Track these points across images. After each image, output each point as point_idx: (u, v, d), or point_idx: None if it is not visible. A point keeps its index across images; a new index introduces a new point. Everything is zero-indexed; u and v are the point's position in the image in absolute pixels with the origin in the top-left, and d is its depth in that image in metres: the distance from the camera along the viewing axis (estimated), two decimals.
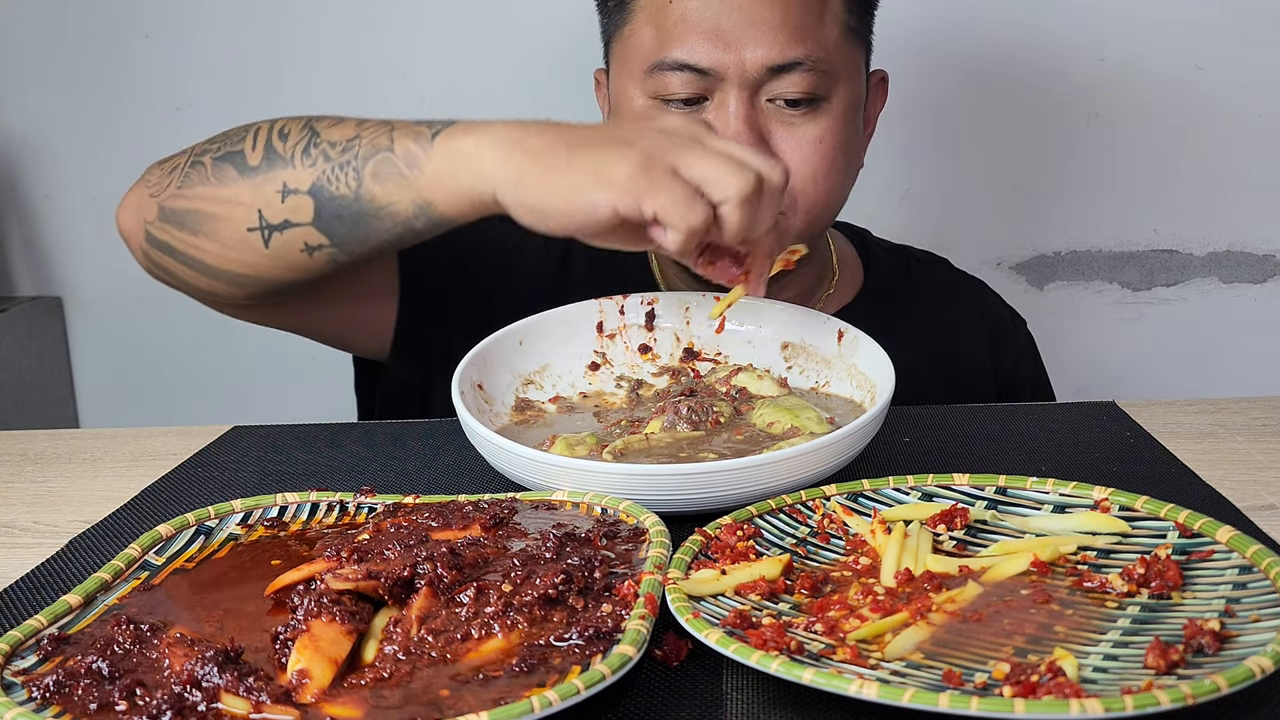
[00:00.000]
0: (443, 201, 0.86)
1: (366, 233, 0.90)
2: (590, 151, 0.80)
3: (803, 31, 1.00)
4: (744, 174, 0.78)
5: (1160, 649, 0.53)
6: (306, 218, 0.90)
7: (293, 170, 0.90)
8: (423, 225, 0.89)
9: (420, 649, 0.57)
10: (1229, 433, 0.91)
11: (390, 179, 0.87)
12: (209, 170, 0.94)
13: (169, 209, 0.95)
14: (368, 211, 0.89)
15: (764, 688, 0.57)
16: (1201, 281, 1.78)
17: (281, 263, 0.93)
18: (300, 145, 0.91)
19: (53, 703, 0.54)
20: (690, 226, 0.77)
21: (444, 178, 0.85)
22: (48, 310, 1.87)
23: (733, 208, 0.78)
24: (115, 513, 0.83)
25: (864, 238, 1.27)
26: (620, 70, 1.06)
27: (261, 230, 0.92)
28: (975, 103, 1.74)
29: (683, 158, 0.79)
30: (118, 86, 1.79)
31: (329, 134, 0.91)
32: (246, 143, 0.94)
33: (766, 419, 0.87)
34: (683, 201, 0.77)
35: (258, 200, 0.91)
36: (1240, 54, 1.69)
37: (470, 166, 0.84)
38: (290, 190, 0.90)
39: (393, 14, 1.74)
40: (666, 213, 0.77)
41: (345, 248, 0.91)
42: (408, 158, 0.87)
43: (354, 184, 0.88)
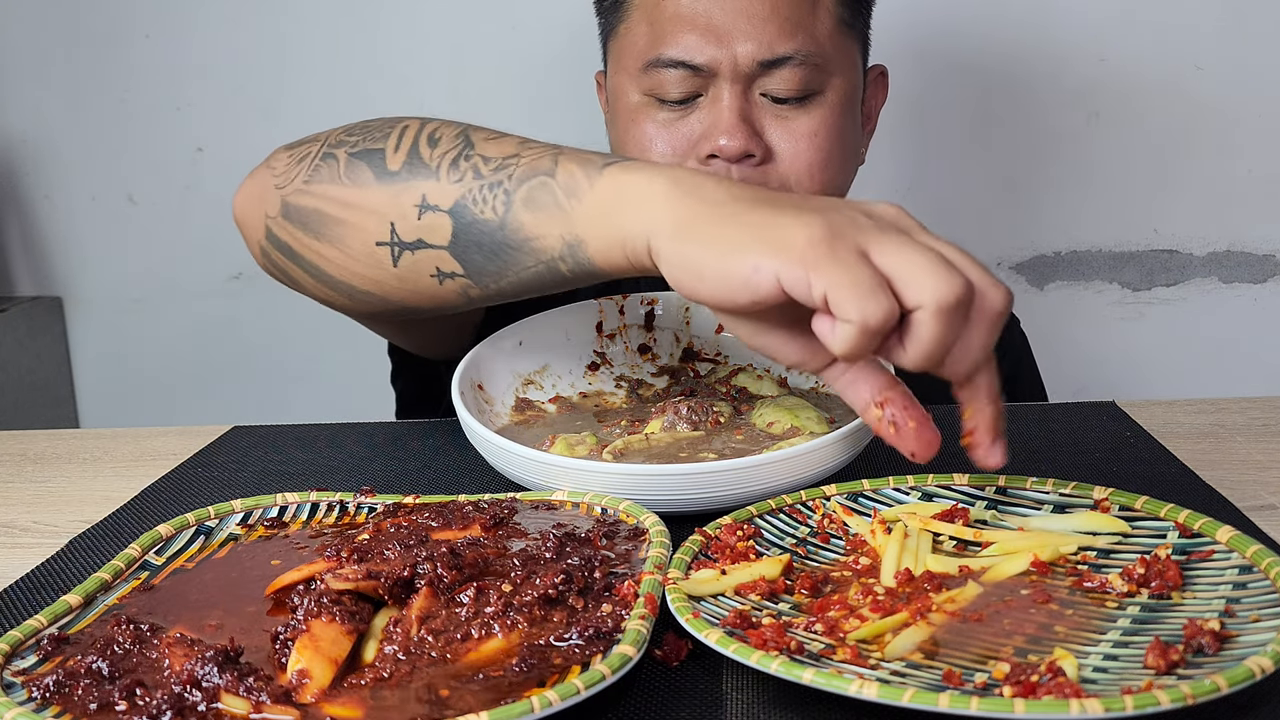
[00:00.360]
0: (595, 241, 0.73)
1: (503, 266, 0.77)
2: (772, 211, 0.66)
3: (794, 24, 1.00)
4: (953, 278, 0.61)
5: (1160, 649, 0.53)
6: (443, 240, 0.78)
7: (436, 183, 0.78)
8: (568, 269, 0.76)
9: (420, 649, 0.57)
10: (1229, 433, 0.91)
11: (544, 207, 0.75)
12: (341, 167, 0.82)
13: (293, 205, 0.84)
14: (511, 243, 0.76)
15: (764, 688, 0.57)
16: (1201, 281, 1.78)
17: (409, 285, 0.82)
18: (450, 155, 0.79)
19: (53, 703, 0.54)
20: (866, 320, 0.61)
21: (603, 212, 0.73)
22: (47, 310, 1.87)
23: (929, 314, 0.61)
24: (115, 513, 0.83)
25: None
26: (616, 68, 1.07)
27: (392, 246, 0.80)
28: (975, 102, 1.74)
29: (878, 241, 0.63)
30: (118, 86, 1.79)
31: (485, 148, 0.79)
32: (390, 141, 0.81)
33: (766, 419, 0.87)
34: (865, 286, 0.61)
35: (392, 211, 0.79)
36: (1240, 54, 1.69)
37: (634, 204, 0.71)
38: (430, 206, 0.78)
39: (393, 14, 1.74)
40: (840, 296, 0.61)
41: (480, 281, 0.79)
42: (569, 185, 0.74)
43: (502, 209, 0.76)
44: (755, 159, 1.02)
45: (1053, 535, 0.67)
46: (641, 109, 1.04)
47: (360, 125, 0.85)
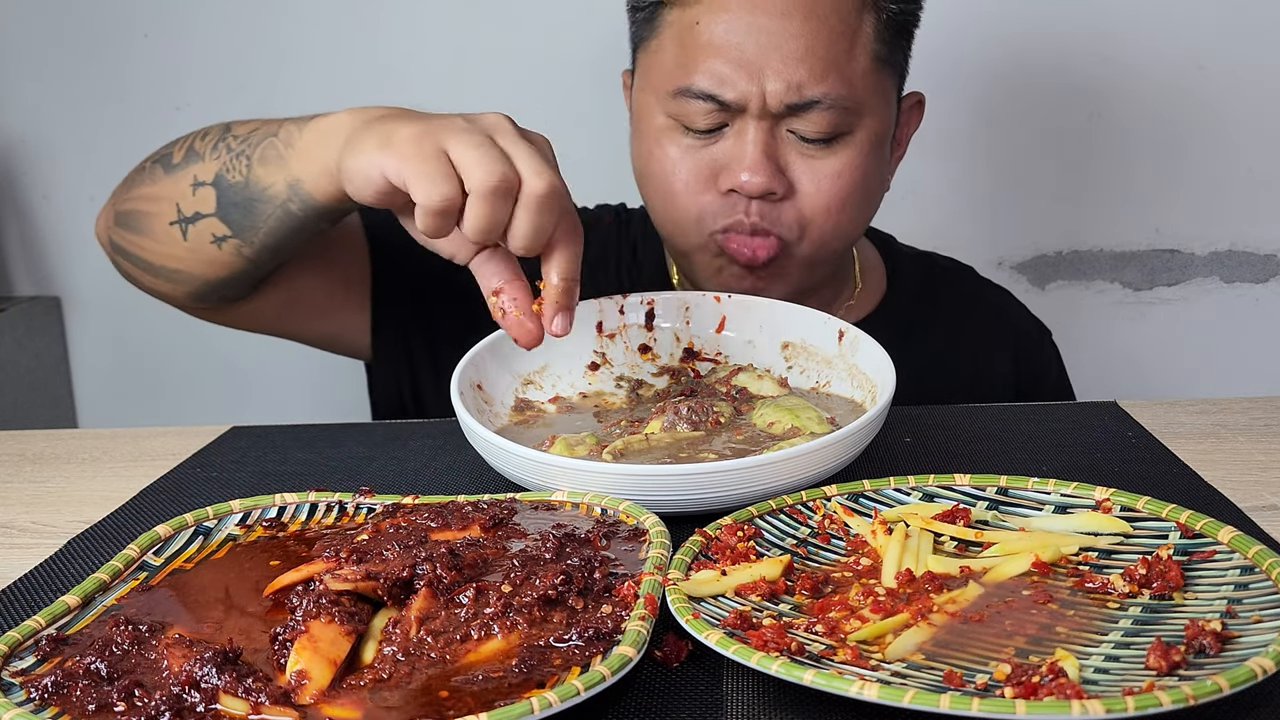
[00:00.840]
0: (309, 178, 0.88)
1: (255, 219, 0.93)
2: (395, 121, 0.79)
3: (826, 65, 0.97)
4: (493, 167, 0.74)
5: (1162, 650, 0.53)
6: (211, 208, 0.95)
7: (202, 164, 0.95)
8: (297, 208, 0.91)
9: (420, 650, 0.57)
10: (1231, 433, 0.91)
11: (271, 160, 0.91)
12: (146, 173, 1.00)
13: (120, 212, 1.02)
14: (254, 195, 0.92)
15: (764, 689, 0.56)
16: (1203, 281, 1.78)
17: (200, 256, 0.97)
18: (212, 141, 0.96)
19: (51, 703, 0.54)
20: (429, 201, 0.74)
21: (311, 152, 0.88)
22: (46, 310, 1.87)
23: (473, 197, 0.74)
24: (114, 513, 0.83)
25: (889, 244, 1.25)
26: (643, 84, 1.05)
27: (180, 223, 0.97)
28: (976, 102, 1.74)
29: (455, 138, 0.76)
30: (117, 86, 1.79)
31: (237, 130, 0.95)
32: (176, 145, 0.99)
33: (767, 419, 0.87)
34: (430, 175, 0.74)
35: (175, 194, 0.96)
36: (1241, 54, 1.68)
37: (328, 139, 0.86)
38: (199, 182, 0.95)
39: (392, 15, 1.74)
40: (413, 182, 0.75)
41: (243, 236, 0.94)
42: (287, 139, 0.90)
43: (245, 170, 0.92)
44: (776, 196, 1.00)
45: (1054, 536, 0.67)
46: (666, 133, 1.02)
47: (169, 142, 1.01)
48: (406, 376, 1.14)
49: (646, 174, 1.05)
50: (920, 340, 1.04)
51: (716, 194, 1.01)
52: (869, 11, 1.00)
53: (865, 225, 1.08)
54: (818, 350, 0.96)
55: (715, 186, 1.01)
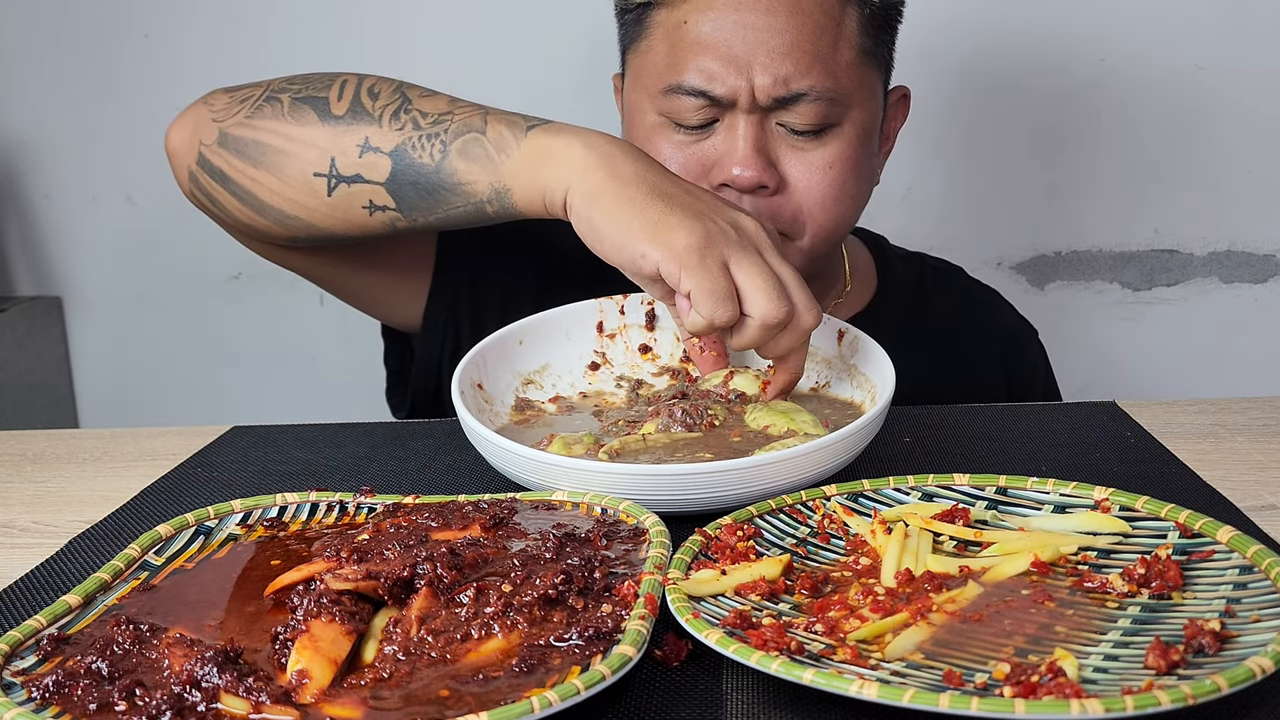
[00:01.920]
0: (520, 190, 0.88)
1: (435, 204, 0.91)
2: (665, 205, 0.83)
3: (812, 58, 0.99)
4: (781, 304, 0.81)
5: (1161, 649, 0.53)
6: (380, 177, 0.91)
7: (378, 129, 0.91)
8: (494, 210, 0.91)
9: (420, 649, 0.57)
10: (1229, 433, 0.91)
11: (477, 159, 0.89)
12: (285, 107, 0.94)
13: (233, 135, 0.95)
14: (445, 185, 0.90)
15: (764, 688, 0.56)
16: (1202, 281, 1.78)
17: (339, 214, 0.94)
18: (390, 107, 0.92)
19: (52, 703, 0.54)
20: (713, 320, 0.81)
21: (529, 168, 0.88)
22: (47, 310, 1.87)
23: (755, 326, 0.82)
24: (115, 513, 0.83)
25: (880, 245, 1.26)
26: (634, 84, 1.06)
27: (330, 178, 0.92)
28: (976, 102, 1.74)
29: (738, 257, 0.82)
30: (118, 86, 1.79)
31: (421, 104, 0.92)
32: (333, 91, 0.94)
33: (761, 422, 0.87)
34: (720, 296, 0.80)
35: (334, 148, 0.92)
36: (1240, 54, 1.69)
37: (557, 165, 0.87)
38: (372, 147, 0.91)
39: (394, 14, 1.74)
40: (700, 297, 0.80)
41: (409, 215, 0.92)
42: (499, 141, 0.89)
43: (438, 155, 0.90)
44: (768, 190, 1.01)
45: (1053, 535, 0.67)
46: (657, 130, 1.03)
47: (301, 76, 0.96)
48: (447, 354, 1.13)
49: None
50: (911, 340, 1.05)
51: (709, 188, 1.01)
52: (852, 6, 1.02)
53: (857, 218, 1.08)
54: (817, 350, 0.96)
55: (706, 181, 1.02)
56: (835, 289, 1.18)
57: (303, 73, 0.97)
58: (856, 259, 1.21)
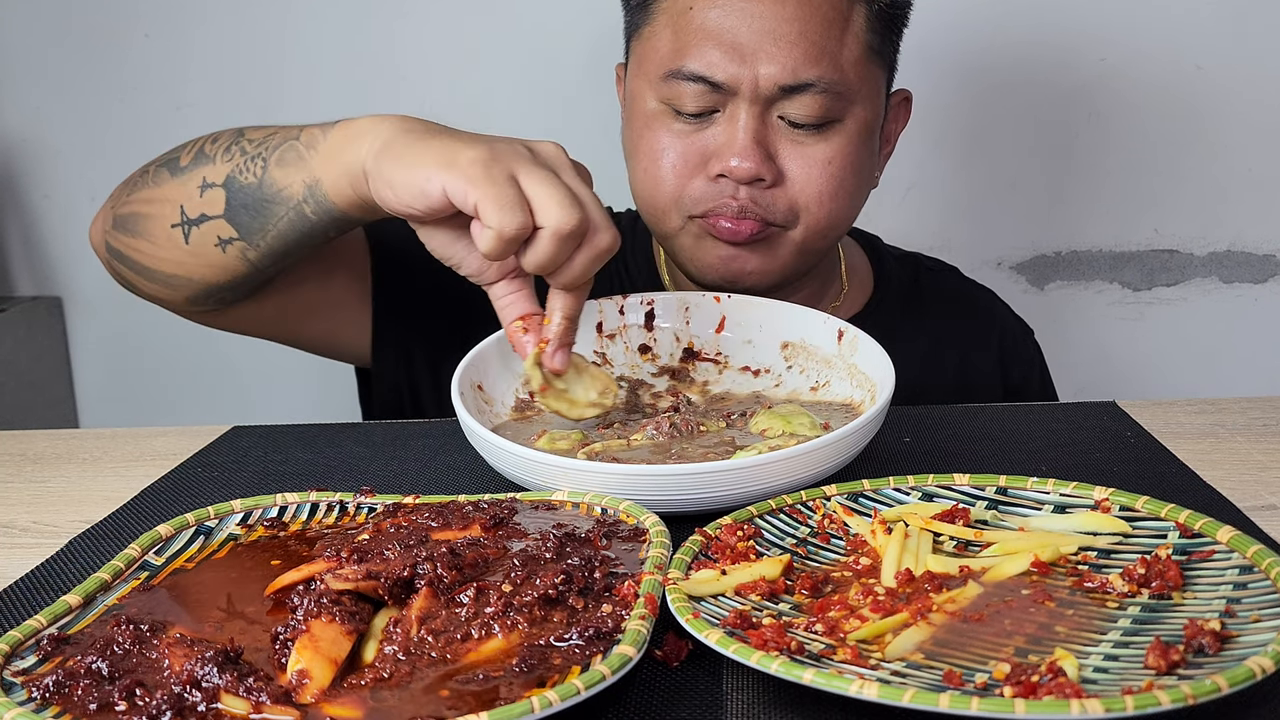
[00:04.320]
0: (328, 178, 0.88)
1: (265, 221, 0.92)
2: (452, 140, 0.81)
3: (820, 49, 0.99)
4: (574, 210, 0.77)
5: (1161, 649, 0.53)
6: (219, 210, 0.94)
7: (213, 166, 0.94)
8: (312, 210, 0.90)
9: (420, 649, 0.57)
10: (1229, 433, 0.91)
11: (291, 163, 0.90)
12: (150, 176, 0.99)
13: (118, 215, 1.01)
14: (267, 196, 0.91)
15: (764, 688, 0.56)
16: (1202, 281, 1.78)
17: (202, 259, 0.96)
18: (224, 145, 0.95)
19: (52, 703, 0.54)
20: (504, 228, 0.76)
21: (333, 154, 0.88)
22: (47, 310, 1.87)
23: (547, 235, 0.77)
24: (115, 513, 0.83)
25: (875, 245, 1.26)
26: (637, 70, 1.06)
27: (183, 226, 0.95)
28: (975, 102, 1.74)
29: (527, 169, 0.78)
30: (118, 86, 1.79)
31: (252, 134, 0.95)
32: (185, 149, 0.98)
33: (760, 425, 0.87)
34: (507, 202, 0.76)
35: (180, 196, 0.95)
36: (1240, 54, 1.69)
37: (355, 140, 0.86)
38: (208, 184, 0.94)
39: (394, 14, 1.74)
40: (487, 207, 0.76)
41: (250, 239, 0.94)
42: (309, 141, 0.90)
43: (260, 171, 0.92)
44: (765, 183, 1.00)
45: (1053, 535, 0.67)
46: (657, 117, 1.03)
47: (173, 147, 1.01)
48: (405, 380, 1.14)
49: (635, 155, 1.06)
50: (907, 340, 1.05)
51: (705, 179, 1.02)
52: (860, 2, 1.01)
53: (854, 217, 1.08)
54: (817, 350, 0.96)
55: (704, 171, 1.02)
56: (832, 291, 1.18)
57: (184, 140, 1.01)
58: (852, 260, 1.21)
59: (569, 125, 1.72)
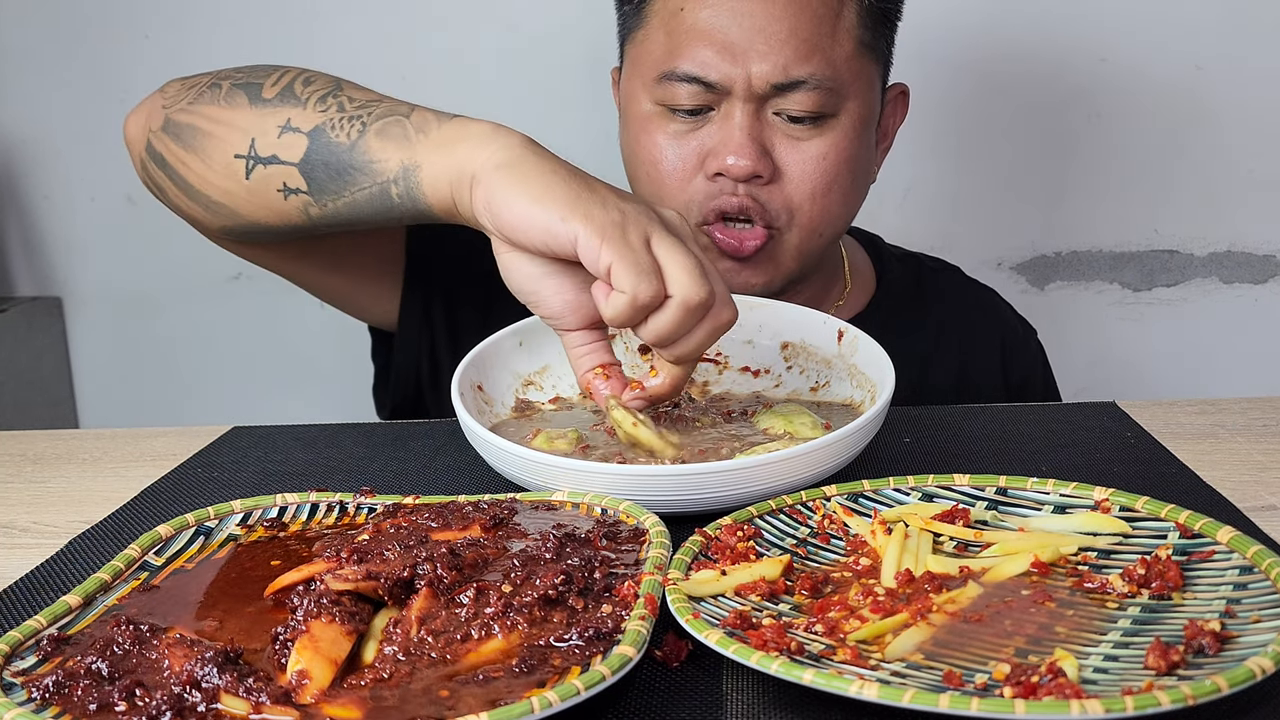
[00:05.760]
0: (429, 167, 0.84)
1: (343, 185, 0.88)
2: (586, 185, 0.78)
3: (811, 46, 0.99)
4: (704, 283, 0.75)
5: (1161, 649, 0.53)
6: (295, 157, 0.88)
7: (302, 110, 0.89)
8: (398, 193, 0.86)
9: (420, 649, 0.57)
10: (1229, 433, 0.91)
11: (394, 138, 0.86)
12: (223, 93, 0.93)
13: (173, 121, 0.94)
14: (356, 164, 0.87)
15: (764, 688, 0.56)
16: (1202, 282, 1.78)
17: (257, 199, 0.91)
18: (319, 92, 0.90)
19: (52, 703, 0.54)
20: (638, 294, 0.74)
21: (443, 146, 0.84)
22: (47, 310, 1.87)
23: (676, 306, 0.75)
24: (115, 513, 0.83)
25: (877, 245, 1.26)
26: (631, 73, 1.07)
27: (248, 159, 0.90)
28: (976, 102, 1.74)
29: (660, 236, 0.76)
30: (118, 86, 1.79)
31: (352, 92, 0.90)
32: (270, 77, 0.92)
33: (761, 424, 0.87)
34: (643, 268, 0.74)
35: (255, 129, 0.90)
36: (1240, 54, 1.69)
37: (472, 143, 0.82)
38: (291, 128, 0.89)
39: (393, 15, 1.74)
40: (621, 271, 0.74)
41: (319, 198, 0.89)
42: (420, 124, 0.86)
43: (356, 135, 0.87)
44: (762, 179, 1.01)
45: (1053, 536, 0.67)
46: (653, 118, 1.04)
47: (250, 67, 0.95)
48: (427, 354, 1.13)
49: (634, 160, 1.07)
50: (909, 340, 1.05)
51: (704, 179, 1.03)
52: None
53: (853, 214, 1.08)
54: (817, 350, 0.96)
55: (702, 171, 1.03)
56: (835, 290, 1.18)
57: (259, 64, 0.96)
58: (855, 260, 1.21)
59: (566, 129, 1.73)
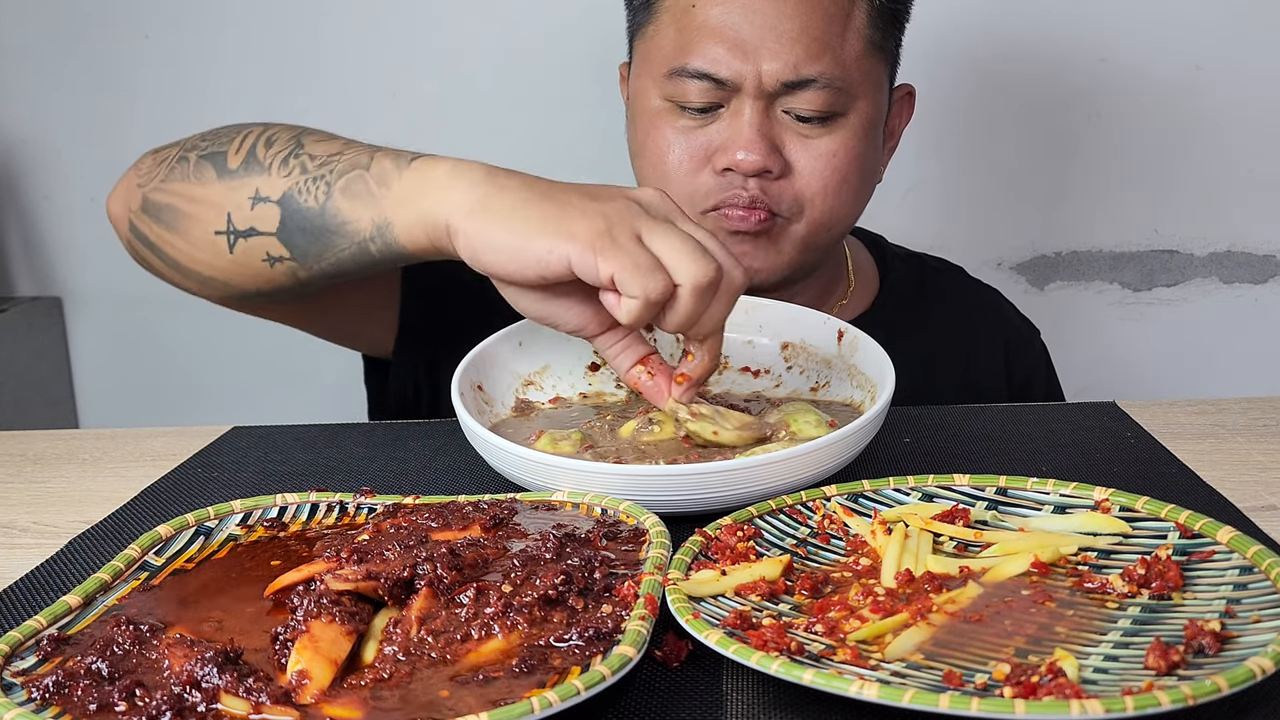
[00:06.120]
0: (401, 224, 0.83)
1: (323, 248, 0.88)
2: (558, 203, 0.77)
3: (821, 46, 1.00)
4: (707, 261, 0.75)
5: (1161, 650, 0.53)
6: (271, 227, 0.88)
7: (268, 178, 0.89)
8: (377, 249, 0.86)
9: (420, 650, 0.57)
10: (1229, 433, 0.91)
11: (359, 196, 0.85)
12: (191, 167, 0.93)
13: (151, 201, 0.95)
14: (330, 227, 0.86)
15: (764, 688, 0.56)
16: (1202, 282, 1.78)
17: (245, 270, 0.92)
18: (281, 154, 0.89)
19: (52, 703, 0.54)
20: (648, 295, 0.74)
21: (409, 198, 0.83)
22: (47, 310, 1.87)
23: (687, 293, 0.75)
24: (115, 513, 0.83)
25: (880, 245, 1.26)
26: (641, 69, 1.07)
27: (228, 235, 0.90)
28: (976, 102, 1.74)
29: (649, 227, 0.76)
30: (118, 86, 1.79)
31: (313, 148, 0.89)
32: (233, 144, 0.92)
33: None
34: (644, 268, 0.74)
35: (229, 204, 0.90)
36: (1240, 54, 1.69)
37: (437, 191, 0.81)
38: (261, 198, 0.89)
39: (392, 15, 1.74)
40: (625, 277, 0.73)
41: (304, 263, 0.89)
42: (381, 176, 0.85)
43: (323, 197, 0.86)
44: (772, 175, 1.01)
45: (1053, 536, 0.67)
46: (662, 114, 1.04)
47: (213, 131, 0.95)
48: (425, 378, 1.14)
49: (641, 155, 1.07)
50: (912, 340, 1.05)
51: (711, 174, 1.03)
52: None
53: (859, 212, 1.09)
54: (817, 350, 0.96)
55: (710, 166, 1.03)
56: (839, 289, 1.18)
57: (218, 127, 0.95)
58: (858, 259, 1.21)
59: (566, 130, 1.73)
